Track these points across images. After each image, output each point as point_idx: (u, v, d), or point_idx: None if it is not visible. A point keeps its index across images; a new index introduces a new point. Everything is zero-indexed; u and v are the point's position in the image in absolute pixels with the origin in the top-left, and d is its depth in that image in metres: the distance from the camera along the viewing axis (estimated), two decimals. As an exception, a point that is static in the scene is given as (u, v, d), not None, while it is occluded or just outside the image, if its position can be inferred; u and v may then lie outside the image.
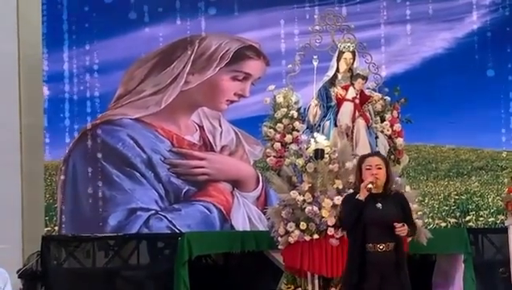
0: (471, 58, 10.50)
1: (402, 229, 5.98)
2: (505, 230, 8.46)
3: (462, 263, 8.49)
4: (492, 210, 10.41)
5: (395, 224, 5.97)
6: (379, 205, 6.06)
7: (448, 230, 9.88)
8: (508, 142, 10.34)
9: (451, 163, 10.61)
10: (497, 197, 10.31)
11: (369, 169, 6.14)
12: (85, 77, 10.31)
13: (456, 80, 10.37)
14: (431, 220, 10.16)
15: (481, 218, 10.42)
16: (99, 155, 10.08)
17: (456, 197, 10.48)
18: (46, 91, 10.20)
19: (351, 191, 6.50)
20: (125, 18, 10.33)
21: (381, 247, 5.98)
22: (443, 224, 10.30)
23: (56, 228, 9.98)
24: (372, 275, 5.93)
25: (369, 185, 6.04)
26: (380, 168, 6.14)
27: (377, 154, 6.67)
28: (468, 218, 10.40)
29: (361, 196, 6.06)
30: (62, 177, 10.08)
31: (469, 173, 10.58)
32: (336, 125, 8.39)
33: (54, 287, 9.32)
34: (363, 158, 6.34)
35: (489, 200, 10.47)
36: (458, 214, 10.40)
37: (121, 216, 9.98)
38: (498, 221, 10.26)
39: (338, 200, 7.68)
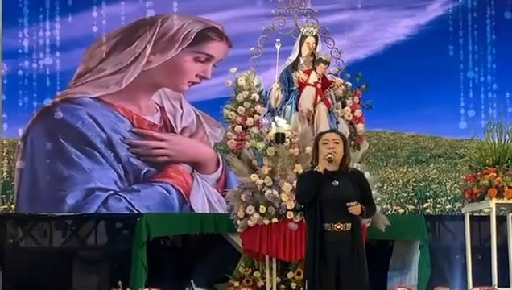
0: (432, 45, 10.57)
1: (354, 208, 5.83)
2: (461, 218, 8.53)
3: (418, 249, 8.56)
4: (449, 197, 10.52)
5: (348, 203, 5.82)
6: (336, 183, 5.91)
7: (406, 217, 9.96)
8: (467, 130, 10.39)
9: (410, 150, 10.68)
10: (455, 185, 10.41)
11: (325, 144, 5.98)
12: (45, 54, 10.19)
13: (417, 68, 10.43)
14: (389, 206, 10.25)
15: (439, 205, 10.52)
16: (58, 134, 10.00)
17: (415, 184, 10.57)
18: (4, 67, 10.08)
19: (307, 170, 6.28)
20: (87, -6, 10.26)
21: (338, 227, 5.86)
22: (402, 210, 10.39)
23: (13, 206, 9.89)
24: (329, 259, 5.87)
25: (329, 155, 5.89)
26: (337, 143, 5.99)
27: (334, 130, 6.52)
28: (425, 205, 10.49)
29: (320, 168, 5.92)
30: (20, 155, 9.97)
31: (428, 160, 10.67)
32: (297, 109, 8.39)
33: (10, 266, 9.25)
34: (320, 134, 6.18)
35: (447, 187, 10.57)
36: (416, 201, 10.50)
37: (80, 195, 9.91)
38: (455, 209, 10.37)
39: (298, 184, 7.71)
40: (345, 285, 5.84)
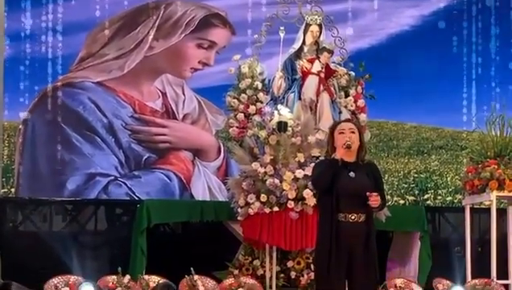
0: (436, 36, 10.54)
1: (375, 199, 5.80)
2: (462, 210, 8.53)
3: (418, 241, 8.55)
4: (450, 189, 10.51)
5: (368, 193, 5.78)
6: (352, 174, 5.88)
7: (406, 208, 9.94)
8: (469, 122, 10.42)
9: (412, 141, 10.67)
10: (456, 177, 10.40)
11: (342, 133, 5.95)
12: (47, 38, 10.15)
13: (421, 59, 10.39)
14: (390, 197, 10.23)
15: (439, 197, 10.52)
16: (59, 118, 9.97)
17: (416, 175, 10.56)
18: (6, 50, 10.04)
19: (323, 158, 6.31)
20: (91, -21, 10.22)
21: (352, 217, 5.83)
22: (402, 201, 10.38)
23: (13, 190, 9.88)
24: (342, 249, 5.82)
25: (348, 142, 5.86)
26: (353, 132, 5.96)
27: (350, 120, 6.54)
28: (426, 196, 10.49)
29: (338, 155, 5.89)
30: (20, 139, 9.95)
31: (429, 152, 10.66)
32: (300, 98, 8.39)
33: (9, 250, 9.23)
34: (336, 124, 6.15)
35: (448, 179, 10.56)
36: (417, 192, 10.49)
37: (80, 180, 9.89)
38: (456, 201, 10.37)
39: (299, 173, 7.70)
40: (356, 276, 5.83)
